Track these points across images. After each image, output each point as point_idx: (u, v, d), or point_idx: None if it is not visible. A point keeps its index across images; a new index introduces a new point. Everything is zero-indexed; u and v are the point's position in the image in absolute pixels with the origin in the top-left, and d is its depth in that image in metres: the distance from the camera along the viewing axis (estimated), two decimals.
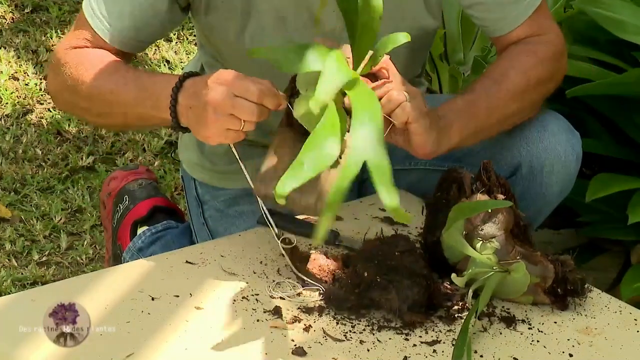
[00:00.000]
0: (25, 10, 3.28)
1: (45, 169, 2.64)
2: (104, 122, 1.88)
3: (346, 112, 1.42)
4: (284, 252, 1.62)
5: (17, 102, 2.86)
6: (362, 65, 1.51)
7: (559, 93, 2.32)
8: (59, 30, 3.18)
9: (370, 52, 1.51)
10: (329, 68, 1.37)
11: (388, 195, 1.28)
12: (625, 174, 2.19)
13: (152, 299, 1.52)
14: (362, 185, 2.04)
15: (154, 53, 3.18)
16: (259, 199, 1.60)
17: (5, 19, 3.23)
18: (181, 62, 3.15)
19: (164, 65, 3.12)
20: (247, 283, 1.59)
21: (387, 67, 1.58)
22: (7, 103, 2.85)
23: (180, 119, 1.61)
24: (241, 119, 1.51)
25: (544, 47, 1.84)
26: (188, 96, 1.59)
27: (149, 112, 1.66)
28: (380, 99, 1.51)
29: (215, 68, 1.87)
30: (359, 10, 1.42)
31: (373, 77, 1.57)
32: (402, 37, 1.50)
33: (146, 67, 3.11)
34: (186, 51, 3.20)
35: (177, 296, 1.54)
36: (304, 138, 1.46)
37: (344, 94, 1.41)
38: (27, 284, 2.23)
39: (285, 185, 1.28)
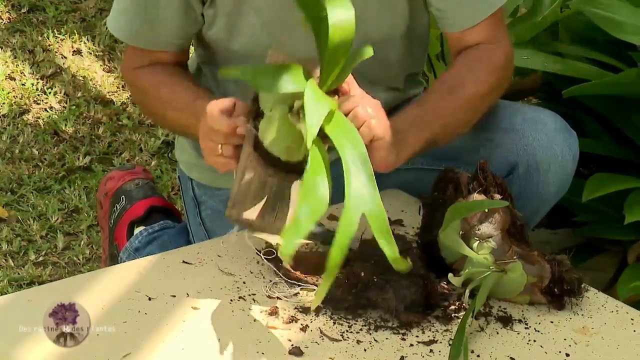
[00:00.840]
0: (22, 10, 3.27)
1: (42, 169, 2.64)
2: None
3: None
4: (268, 262, 1.63)
5: (14, 102, 2.86)
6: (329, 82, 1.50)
7: (556, 93, 2.33)
8: (55, 30, 3.18)
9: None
10: (310, 103, 1.37)
11: (389, 247, 1.29)
12: (622, 173, 2.19)
13: (149, 299, 1.53)
14: None
15: None
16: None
17: (2, 18, 3.22)
18: None
19: None
20: (244, 283, 1.60)
21: (348, 81, 1.57)
22: (3, 103, 2.85)
23: None
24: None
25: (497, 58, 1.84)
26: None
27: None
28: (345, 114, 1.51)
29: (210, 66, 1.88)
30: (330, 34, 1.41)
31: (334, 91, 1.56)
32: (368, 51, 1.49)
33: None
34: None
35: (174, 296, 1.54)
36: (270, 160, 1.48)
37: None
38: (24, 284, 2.23)
39: (289, 245, 1.30)
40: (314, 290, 1.58)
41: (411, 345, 1.49)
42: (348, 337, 1.49)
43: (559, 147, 1.85)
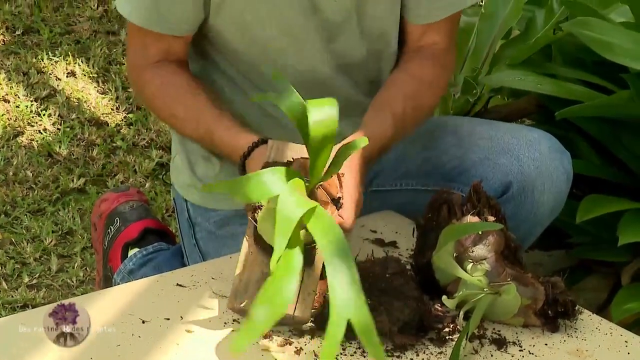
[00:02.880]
0: (16, 33, 3.28)
1: (36, 191, 2.64)
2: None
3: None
4: None
5: (8, 124, 2.86)
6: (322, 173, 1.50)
7: (549, 114, 2.34)
8: (49, 52, 3.18)
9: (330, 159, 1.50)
10: (280, 215, 1.36)
11: (376, 354, 1.28)
12: (615, 195, 2.20)
13: (143, 322, 1.52)
14: None
15: None
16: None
17: None
18: None
19: None
20: None
21: (343, 183, 1.58)
22: None
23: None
24: None
25: (449, 65, 1.91)
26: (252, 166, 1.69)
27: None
28: None
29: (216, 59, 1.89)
30: (311, 128, 1.42)
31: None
32: (361, 142, 1.50)
33: None
34: None
35: (168, 319, 1.53)
36: (270, 251, 1.47)
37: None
38: (17, 306, 2.23)
39: (241, 344, 1.28)
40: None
41: None
42: None
43: (553, 168, 1.86)
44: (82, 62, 3.18)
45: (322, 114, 1.43)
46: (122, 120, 2.98)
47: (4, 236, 2.48)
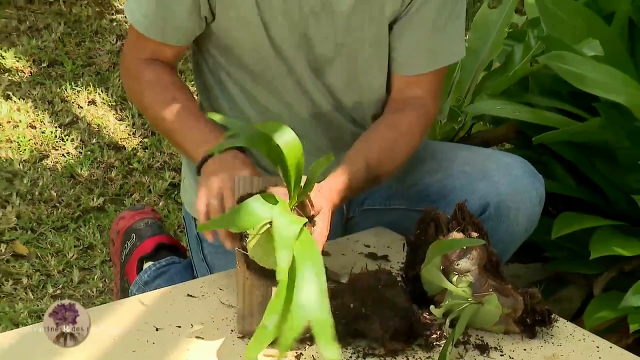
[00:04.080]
0: (42, 65, 3.29)
1: (60, 210, 2.64)
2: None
3: None
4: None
5: (34, 149, 2.86)
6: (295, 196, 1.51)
7: (527, 140, 2.34)
8: (72, 83, 3.19)
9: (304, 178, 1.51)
10: (280, 231, 1.38)
11: (329, 351, 1.28)
12: (587, 213, 2.19)
13: (157, 329, 1.52)
14: (347, 223, 2.05)
15: None
16: None
17: (24, 72, 3.23)
18: None
19: None
20: None
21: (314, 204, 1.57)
22: (25, 149, 2.85)
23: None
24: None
25: (429, 119, 1.89)
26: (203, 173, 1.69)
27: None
28: None
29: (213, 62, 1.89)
30: (284, 150, 1.44)
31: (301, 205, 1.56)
32: (325, 161, 1.49)
33: None
34: None
35: (179, 327, 1.53)
36: (265, 272, 1.49)
37: None
38: (42, 315, 2.21)
39: (254, 351, 1.29)
40: None
41: None
42: None
43: (526, 191, 1.85)
44: (101, 91, 3.18)
45: (285, 136, 1.45)
46: (138, 144, 2.98)
47: (30, 251, 2.48)
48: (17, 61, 3.28)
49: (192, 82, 2.06)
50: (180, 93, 1.82)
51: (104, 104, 3.14)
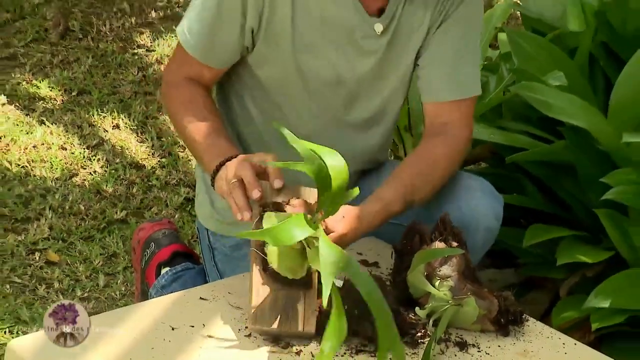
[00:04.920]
0: (72, 94, 3.28)
1: (87, 222, 2.63)
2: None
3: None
4: None
5: (65, 168, 2.85)
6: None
7: (500, 159, 2.34)
8: (99, 109, 3.18)
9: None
10: (326, 258, 1.38)
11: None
12: (554, 225, 2.19)
13: (172, 328, 1.51)
14: None
15: None
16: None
17: (57, 100, 3.23)
18: None
19: None
20: None
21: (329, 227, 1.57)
22: (57, 168, 2.84)
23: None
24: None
25: (460, 146, 1.85)
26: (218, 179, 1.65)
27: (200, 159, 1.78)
28: None
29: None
30: (331, 178, 1.42)
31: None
32: (354, 192, 1.47)
33: (167, 139, 3.10)
34: None
35: (193, 326, 1.52)
36: (278, 278, 1.49)
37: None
38: None
39: None
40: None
41: None
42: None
43: (485, 210, 1.82)
44: (124, 117, 3.18)
45: (336, 160, 1.43)
46: (157, 163, 2.97)
47: (61, 258, 2.47)
48: (51, 90, 3.28)
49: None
50: (210, 114, 1.78)
51: (127, 128, 3.13)
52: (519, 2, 2.71)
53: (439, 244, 1.64)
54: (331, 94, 1.82)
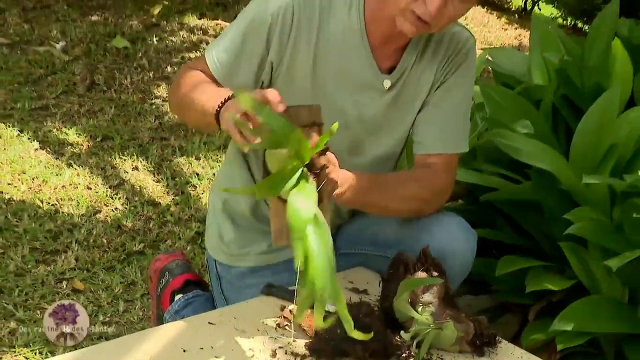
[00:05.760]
0: (97, 139, 3.29)
1: (109, 253, 2.62)
2: (185, 116, 1.81)
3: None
4: (289, 317, 1.61)
5: (90, 205, 2.85)
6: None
7: (475, 198, 2.34)
8: (120, 153, 3.19)
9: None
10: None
11: (317, 319, 1.34)
12: (523, 256, 2.19)
13: (184, 350, 1.50)
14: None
15: (187, 167, 3.18)
16: None
17: (83, 145, 3.23)
18: (207, 174, 3.15)
19: (195, 176, 3.13)
20: (253, 338, 1.57)
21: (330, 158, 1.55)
22: (83, 206, 2.84)
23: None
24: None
25: (440, 186, 1.84)
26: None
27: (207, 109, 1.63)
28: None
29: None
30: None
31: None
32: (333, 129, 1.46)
33: (180, 179, 3.11)
34: (210, 166, 3.21)
35: (202, 349, 1.51)
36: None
37: None
38: (95, 338, 2.19)
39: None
40: (304, 342, 1.55)
41: None
42: None
43: (460, 245, 1.81)
44: (143, 160, 3.18)
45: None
46: (171, 201, 2.97)
47: (85, 286, 2.45)
48: (78, 137, 3.28)
49: None
50: (213, 82, 1.74)
51: (145, 169, 3.13)
52: (490, 58, 2.72)
53: (421, 274, 1.64)
54: (338, 138, 1.82)
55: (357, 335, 1.35)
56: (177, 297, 2.15)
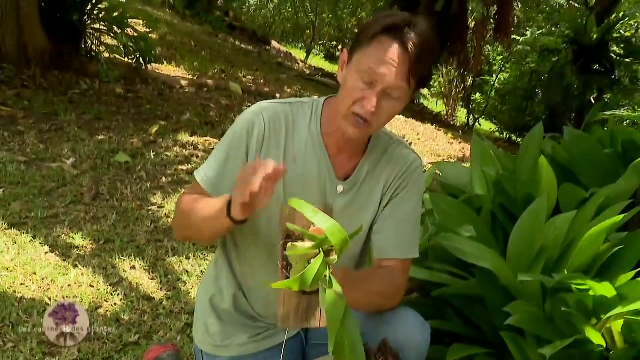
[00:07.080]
0: (100, 242, 3.27)
1: (107, 344, 2.56)
2: (191, 234, 1.80)
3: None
4: None
5: (92, 301, 2.80)
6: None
7: (427, 292, 2.34)
8: (120, 254, 3.16)
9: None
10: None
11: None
12: (470, 344, 2.18)
13: None
14: (305, 353, 2.00)
15: (179, 266, 3.16)
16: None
17: (87, 248, 3.21)
18: (195, 271, 3.13)
19: (185, 274, 3.10)
20: None
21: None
22: (86, 302, 2.79)
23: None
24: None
25: (398, 283, 1.83)
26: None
27: (215, 216, 1.65)
28: None
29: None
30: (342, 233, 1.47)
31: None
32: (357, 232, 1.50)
33: (172, 276, 3.08)
34: (198, 264, 3.19)
35: None
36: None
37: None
38: None
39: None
40: None
41: None
42: None
43: (415, 336, 1.80)
44: (140, 260, 3.16)
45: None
46: (164, 295, 2.93)
47: None
48: (83, 240, 3.26)
49: None
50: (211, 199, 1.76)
51: (141, 268, 3.11)
52: (438, 172, 2.79)
53: None
54: None
55: None
56: None
